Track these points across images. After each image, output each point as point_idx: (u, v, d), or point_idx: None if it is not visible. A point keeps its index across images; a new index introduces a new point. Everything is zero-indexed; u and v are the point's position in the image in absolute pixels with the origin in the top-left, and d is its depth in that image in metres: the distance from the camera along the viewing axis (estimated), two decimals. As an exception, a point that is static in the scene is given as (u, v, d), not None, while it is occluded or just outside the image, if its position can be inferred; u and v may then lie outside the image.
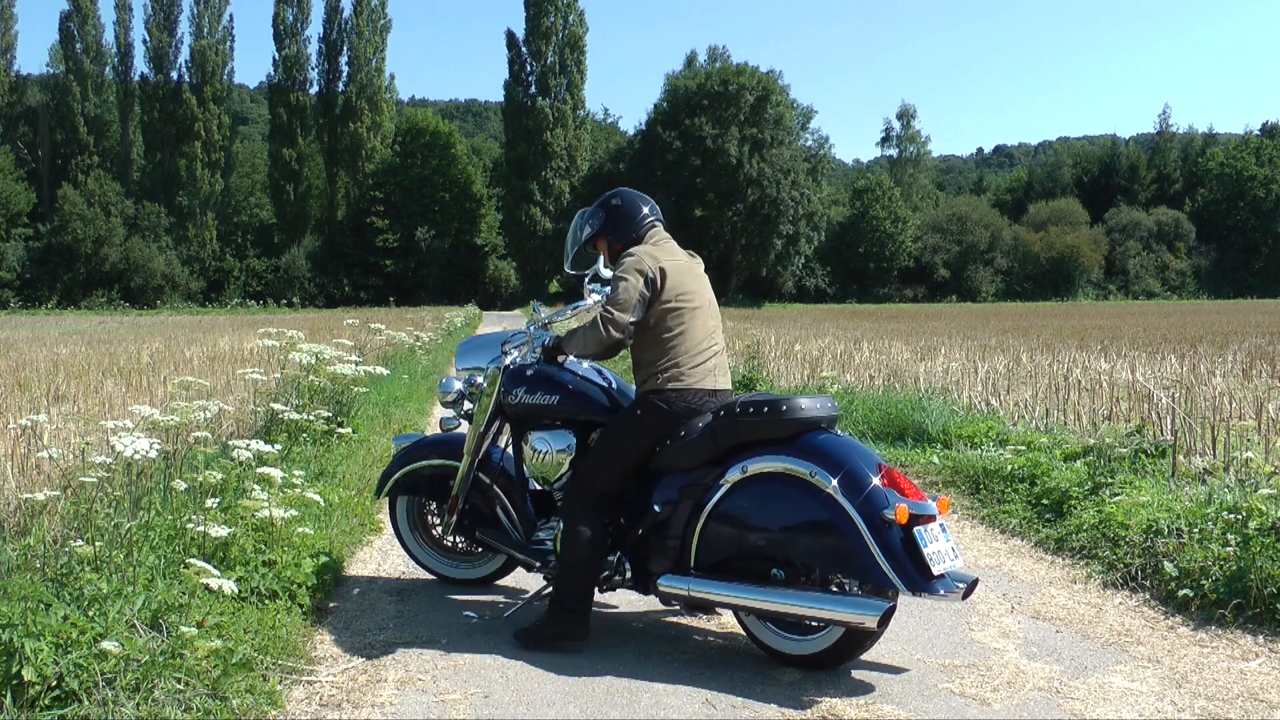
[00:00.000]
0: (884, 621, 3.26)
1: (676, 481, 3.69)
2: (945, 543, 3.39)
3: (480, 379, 4.28)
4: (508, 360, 4.19)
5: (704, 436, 3.63)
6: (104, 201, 54.04)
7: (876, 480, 3.36)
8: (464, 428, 4.41)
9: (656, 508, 3.71)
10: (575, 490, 3.80)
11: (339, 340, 10.23)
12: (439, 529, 4.57)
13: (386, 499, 4.64)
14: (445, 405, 4.50)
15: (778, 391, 9.26)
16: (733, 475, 3.56)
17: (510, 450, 4.22)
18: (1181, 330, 22.17)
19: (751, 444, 3.57)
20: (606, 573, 3.79)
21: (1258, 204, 73.44)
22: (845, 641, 3.43)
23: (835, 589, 3.47)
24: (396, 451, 4.59)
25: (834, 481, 3.37)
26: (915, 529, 3.29)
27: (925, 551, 3.26)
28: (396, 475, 4.46)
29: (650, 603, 4.05)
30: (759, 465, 3.53)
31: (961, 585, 3.48)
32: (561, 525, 3.78)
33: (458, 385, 4.43)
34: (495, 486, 4.22)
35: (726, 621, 4.00)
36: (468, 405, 4.38)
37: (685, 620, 4.07)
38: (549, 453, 3.99)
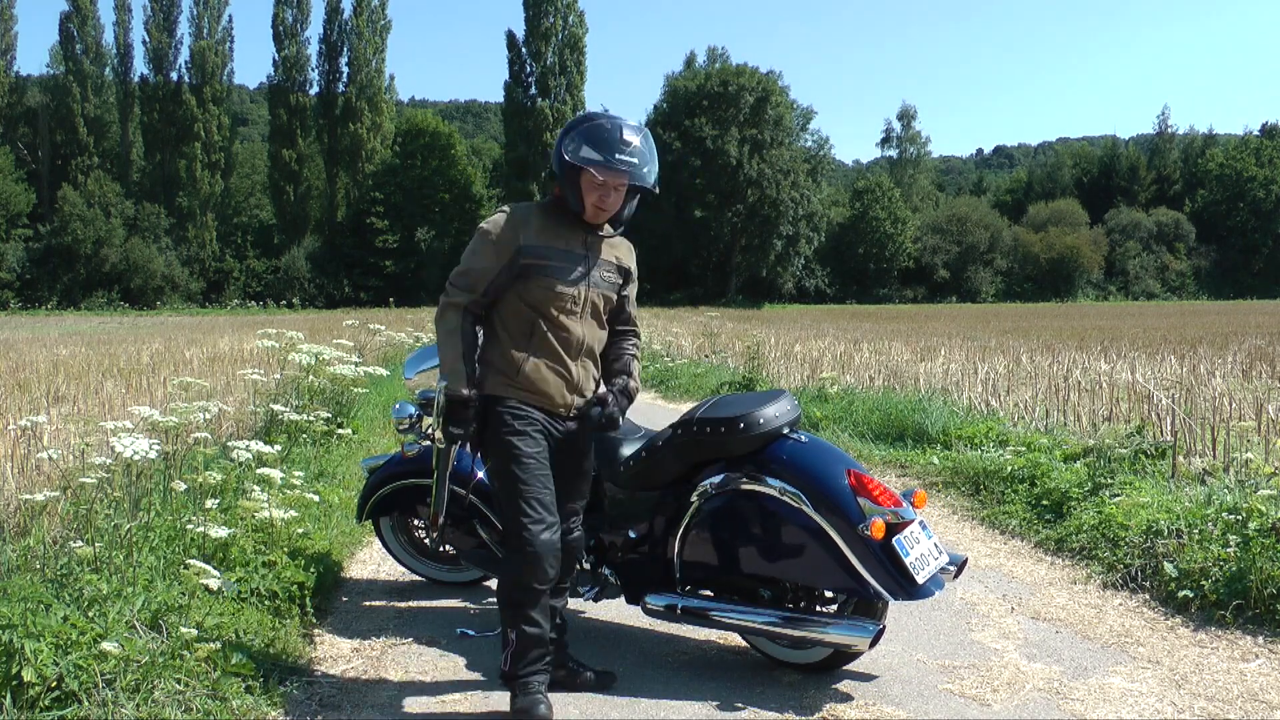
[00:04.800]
0: (874, 642, 3.23)
1: (648, 499, 3.63)
2: (927, 542, 3.36)
3: (434, 394, 4.19)
4: None
5: (666, 455, 3.54)
6: (104, 202, 53.98)
7: (848, 490, 3.28)
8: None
9: (633, 527, 3.66)
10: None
11: (339, 341, 10.23)
12: (426, 540, 4.56)
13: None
14: (401, 431, 4.37)
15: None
16: (701, 494, 3.49)
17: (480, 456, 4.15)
18: (1181, 331, 22.16)
19: (717, 458, 3.49)
20: (596, 589, 3.74)
21: (1257, 205, 73.39)
22: (841, 652, 3.41)
23: (822, 608, 3.46)
24: (368, 475, 4.55)
25: (805, 497, 3.30)
26: (894, 539, 3.24)
27: (907, 561, 3.23)
28: (373, 499, 4.42)
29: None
30: (727, 483, 3.47)
31: (951, 569, 3.50)
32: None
33: (411, 409, 4.33)
34: (472, 497, 4.11)
35: (726, 622, 3.99)
36: (426, 422, 4.27)
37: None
38: None
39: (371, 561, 5.01)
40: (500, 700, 3.31)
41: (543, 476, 3.11)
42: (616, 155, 3.03)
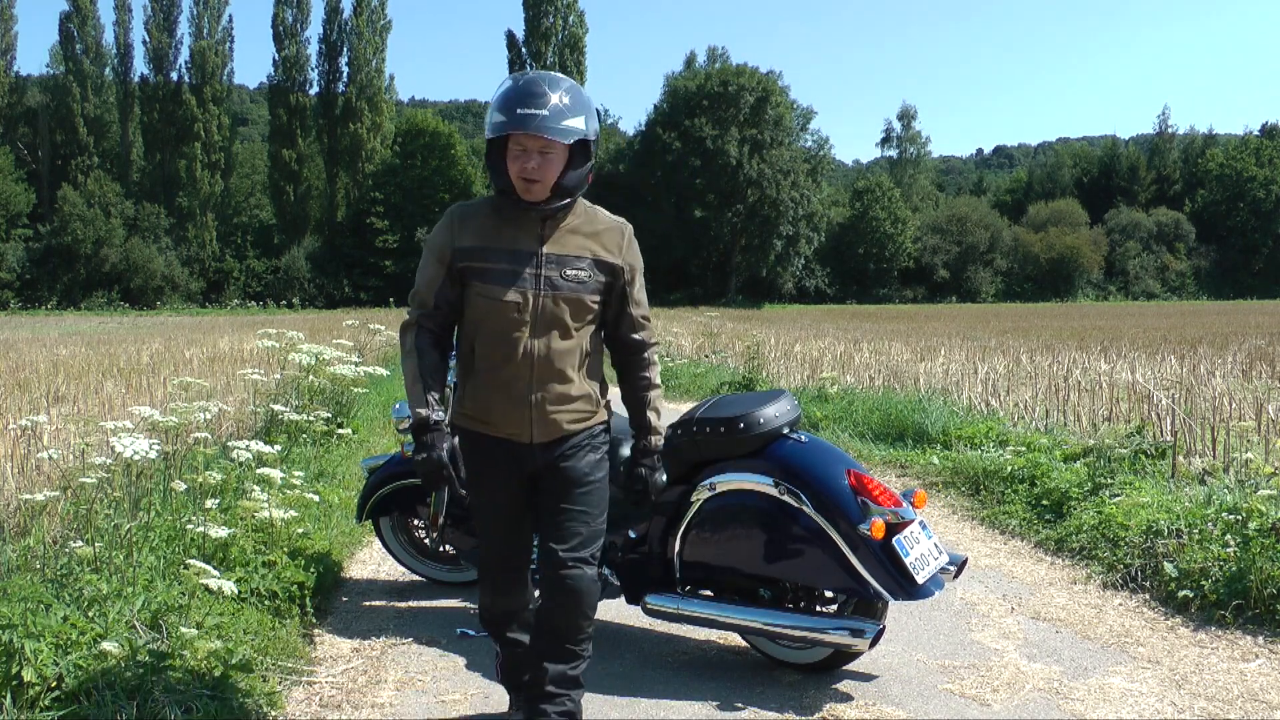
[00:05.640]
0: (874, 643, 3.23)
1: None
2: (927, 542, 3.37)
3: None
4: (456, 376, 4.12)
5: (666, 455, 3.44)
6: (104, 202, 53.96)
7: (848, 490, 3.29)
8: None
9: (633, 527, 3.65)
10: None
11: (339, 341, 10.24)
12: (426, 540, 4.57)
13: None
14: (401, 431, 4.36)
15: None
16: (701, 494, 3.49)
17: None
18: (1181, 331, 22.16)
19: (717, 458, 3.49)
20: None
21: (1257, 205, 73.37)
22: (841, 652, 3.41)
23: (822, 608, 3.46)
24: (367, 475, 4.56)
25: (805, 497, 3.31)
26: (894, 539, 3.25)
27: (907, 561, 3.24)
28: (373, 499, 4.43)
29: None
30: (727, 482, 3.46)
31: (951, 569, 3.50)
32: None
33: None
34: None
35: (726, 622, 3.99)
36: None
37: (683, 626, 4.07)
38: None
39: (371, 561, 5.01)
40: (500, 700, 3.31)
41: (499, 530, 2.87)
42: (519, 110, 2.56)
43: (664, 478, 2.90)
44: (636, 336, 2.86)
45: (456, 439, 2.72)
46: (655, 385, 2.91)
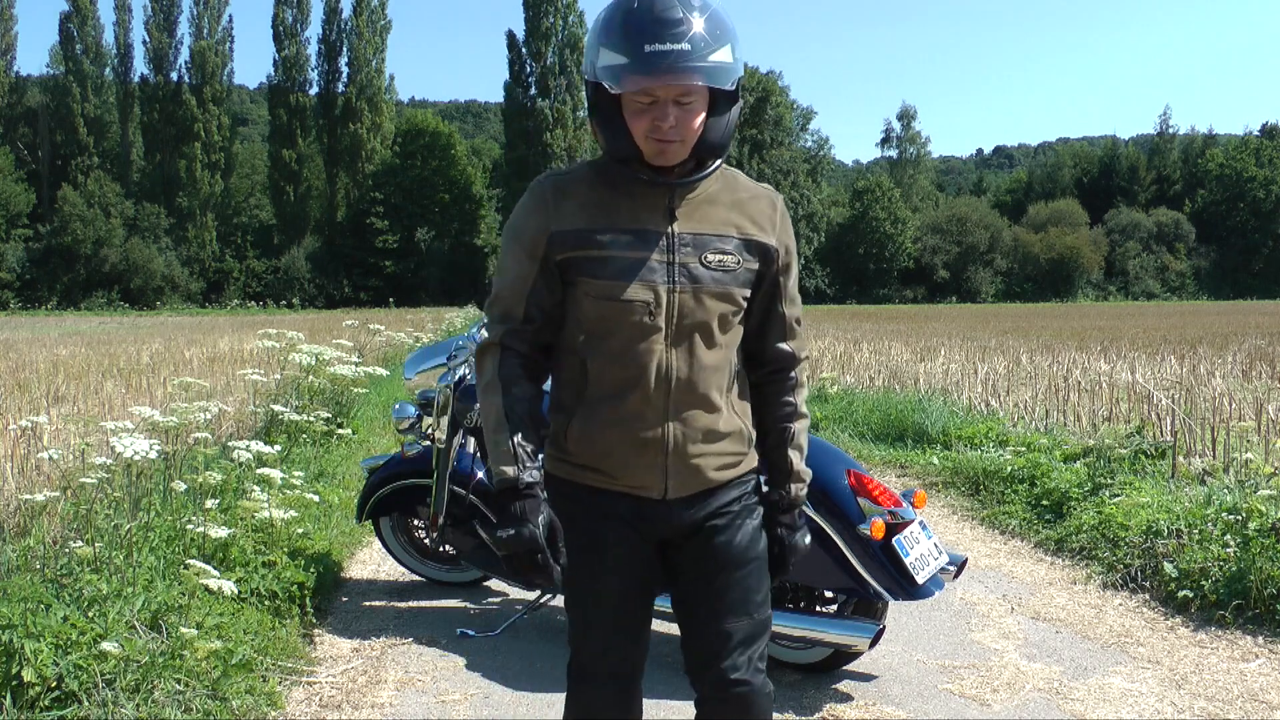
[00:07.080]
0: (874, 643, 3.24)
1: None
2: (927, 542, 3.37)
3: (434, 394, 4.21)
4: (457, 376, 4.10)
5: None
6: (104, 202, 54.05)
7: (848, 490, 3.30)
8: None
9: None
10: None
11: (338, 341, 10.24)
12: (426, 540, 4.57)
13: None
14: (401, 431, 4.42)
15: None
16: None
17: (480, 457, 4.12)
18: (1181, 331, 22.16)
19: None
20: None
21: (1257, 205, 73.48)
22: (841, 653, 3.41)
23: (822, 608, 3.46)
24: (367, 475, 4.57)
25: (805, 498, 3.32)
26: (894, 539, 3.26)
27: (907, 561, 3.25)
28: (373, 499, 4.43)
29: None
30: None
31: (951, 569, 3.50)
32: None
33: (411, 410, 4.37)
34: (472, 497, 4.09)
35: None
36: (427, 423, 4.31)
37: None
38: None
39: (371, 561, 5.01)
40: (500, 699, 3.32)
41: (606, 623, 1.99)
42: (648, 47, 1.73)
43: (808, 538, 2.10)
44: (787, 347, 2.05)
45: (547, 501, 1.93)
46: (803, 414, 2.09)
